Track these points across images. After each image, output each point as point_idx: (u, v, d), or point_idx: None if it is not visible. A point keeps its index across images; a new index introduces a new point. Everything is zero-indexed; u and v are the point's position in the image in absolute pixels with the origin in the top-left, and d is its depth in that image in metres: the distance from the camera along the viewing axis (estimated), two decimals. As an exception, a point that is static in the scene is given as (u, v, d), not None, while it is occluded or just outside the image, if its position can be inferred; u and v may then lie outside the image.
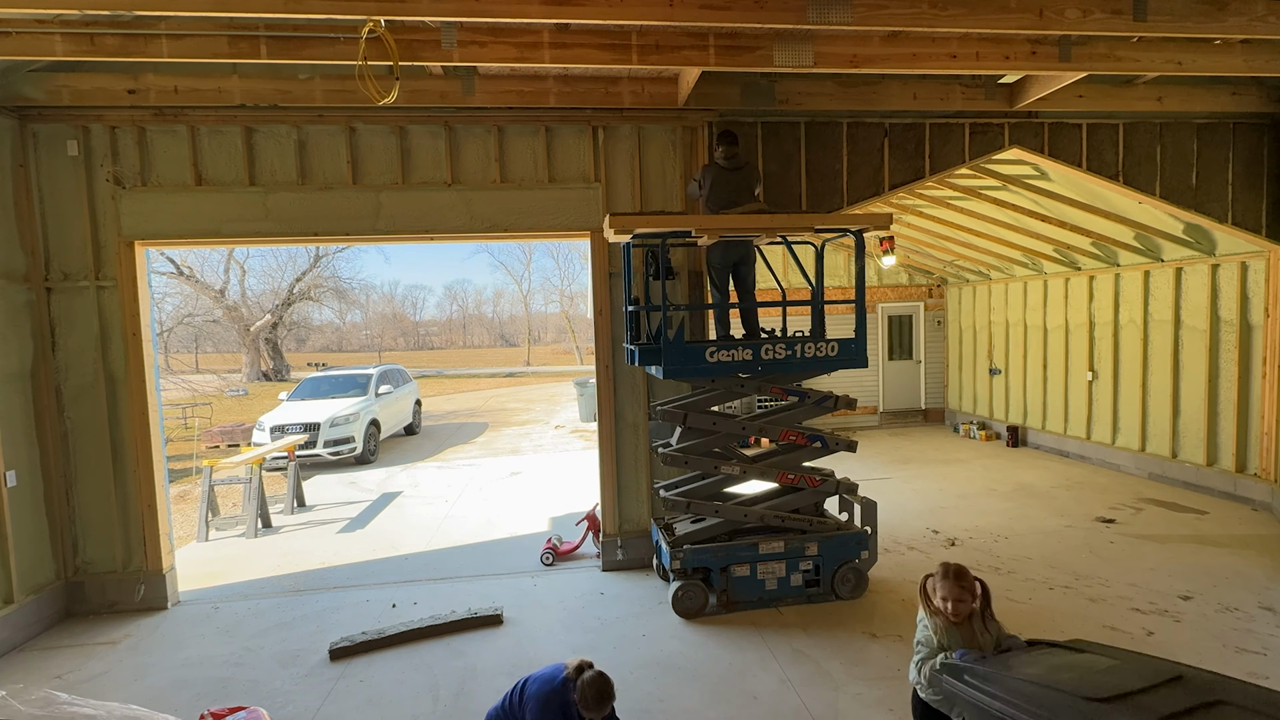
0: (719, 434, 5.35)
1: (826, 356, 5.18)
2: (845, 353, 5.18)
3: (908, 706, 3.09)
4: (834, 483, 5.46)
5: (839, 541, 5.36)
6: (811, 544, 5.31)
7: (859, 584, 5.41)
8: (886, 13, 4.30)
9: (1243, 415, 7.46)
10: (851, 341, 5.19)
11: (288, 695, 4.31)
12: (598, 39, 4.74)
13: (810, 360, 5.16)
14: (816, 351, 5.17)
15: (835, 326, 12.93)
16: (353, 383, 13.45)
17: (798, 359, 5.13)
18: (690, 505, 5.26)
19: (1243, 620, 4.84)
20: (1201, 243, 7.61)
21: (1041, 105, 6.05)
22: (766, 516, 5.30)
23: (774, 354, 5.09)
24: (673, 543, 5.26)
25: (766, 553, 5.27)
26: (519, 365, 41.13)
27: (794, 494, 5.42)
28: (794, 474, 5.38)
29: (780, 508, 5.38)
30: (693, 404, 5.38)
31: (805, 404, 5.51)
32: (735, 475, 5.36)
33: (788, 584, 5.32)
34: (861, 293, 5.22)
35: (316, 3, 3.97)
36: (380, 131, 5.71)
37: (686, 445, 5.37)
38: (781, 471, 5.39)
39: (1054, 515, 7.37)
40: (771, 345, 5.10)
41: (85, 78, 5.21)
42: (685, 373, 5.06)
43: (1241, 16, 4.50)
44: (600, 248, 6.05)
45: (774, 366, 5.14)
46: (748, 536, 5.34)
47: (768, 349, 5.09)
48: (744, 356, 5.07)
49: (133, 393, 5.53)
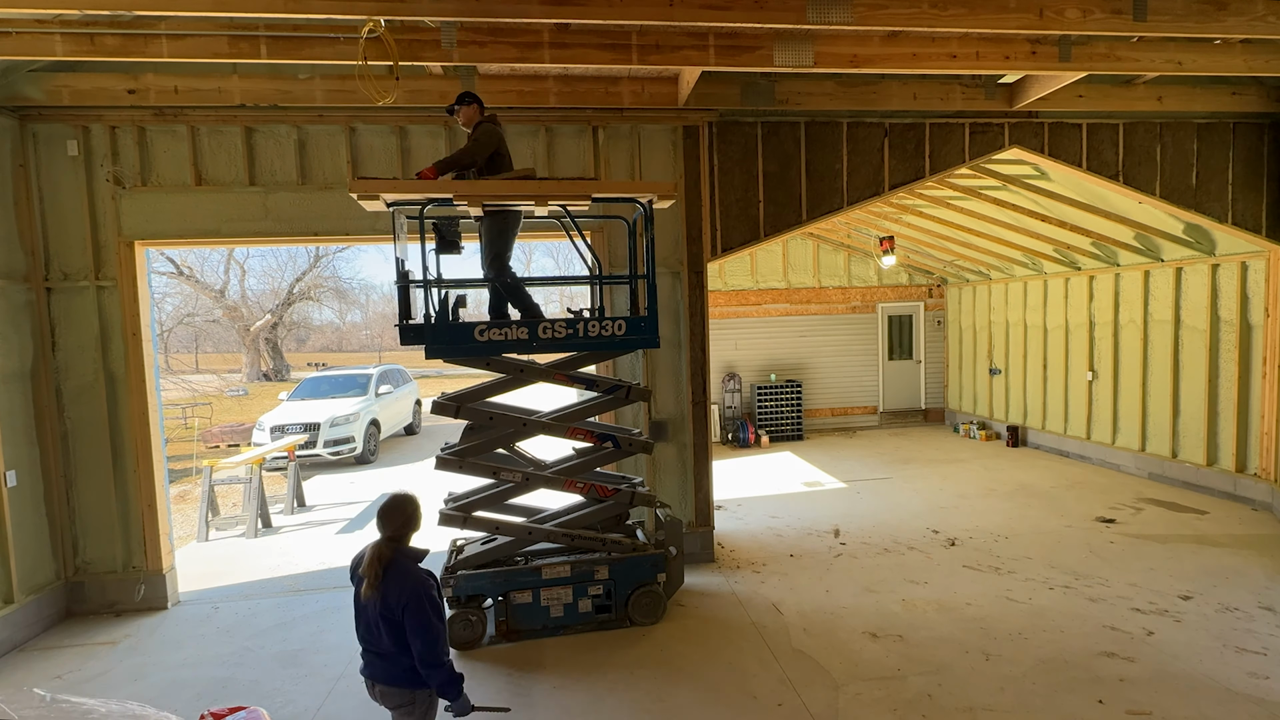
0: (502, 433, 4.84)
1: (613, 336, 4.61)
2: (634, 331, 4.64)
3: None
4: (628, 494, 5.00)
5: (632, 564, 4.92)
6: (601, 567, 4.87)
7: (656, 609, 5.00)
8: (886, 13, 4.30)
9: (1243, 415, 7.46)
10: (641, 320, 4.67)
11: (288, 695, 4.31)
12: (598, 39, 4.74)
13: (595, 340, 4.62)
14: (602, 330, 4.61)
15: (834, 327, 12.98)
16: (353, 383, 13.45)
17: (579, 338, 4.60)
18: (467, 521, 4.80)
19: (1243, 620, 4.84)
20: (1201, 243, 7.61)
21: (1041, 105, 6.05)
22: (555, 535, 4.84)
23: (553, 333, 4.56)
24: (448, 568, 4.82)
25: (551, 577, 4.81)
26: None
27: (593, 508, 5.01)
28: (582, 482, 4.91)
29: (573, 524, 4.94)
30: (466, 394, 4.84)
31: (603, 397, 4.97)
32: (517, 484, 4.86)
33: (576, 610, 4.90)
34: (651, 266, 4.72)
35: (316, 3, 3.97)
36: (380, 131, 5.71)
37: (464, 446, 4.83)
38: (569, 479, 4.90)
39: (1054, 515, 7.37)
40: (550, 324, 4.57)
41: (85, 78, 5.21)
42: (452, 353, 4.56)
43: (1241, 16, 4.50)
44: (600, 247, 6.04)
45: (553, 346, 4.61)
46: (548, 558, 4.93)
47: (545, 327, 4.56)
48: (519, 335, 4.53)
49: (133, 393, 5.53)
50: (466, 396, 4.90)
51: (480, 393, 4.94)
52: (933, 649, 4.58)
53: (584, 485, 4.94)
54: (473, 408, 4.85)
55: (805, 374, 12.86)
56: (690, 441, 6.26)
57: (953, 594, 5.45)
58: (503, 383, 4.94)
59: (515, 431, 4.93)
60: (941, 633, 4.81)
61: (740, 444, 11.99)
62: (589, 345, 4.68)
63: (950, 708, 3.92)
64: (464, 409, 4.83)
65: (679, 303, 6.19)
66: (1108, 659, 4.38)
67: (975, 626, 4.88)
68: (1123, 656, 4.41)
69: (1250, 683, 4.06)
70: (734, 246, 6.29)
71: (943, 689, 4.11)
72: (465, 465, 4.81)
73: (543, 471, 4.99)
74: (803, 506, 8.08)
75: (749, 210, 6.26)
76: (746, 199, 6.25)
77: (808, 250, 12.82)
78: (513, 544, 4.90)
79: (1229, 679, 4.11)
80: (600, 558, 4.91)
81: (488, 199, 4.40)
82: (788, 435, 12.29)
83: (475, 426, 4.92)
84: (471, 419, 4.86)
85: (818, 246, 12.82)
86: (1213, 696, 3.94)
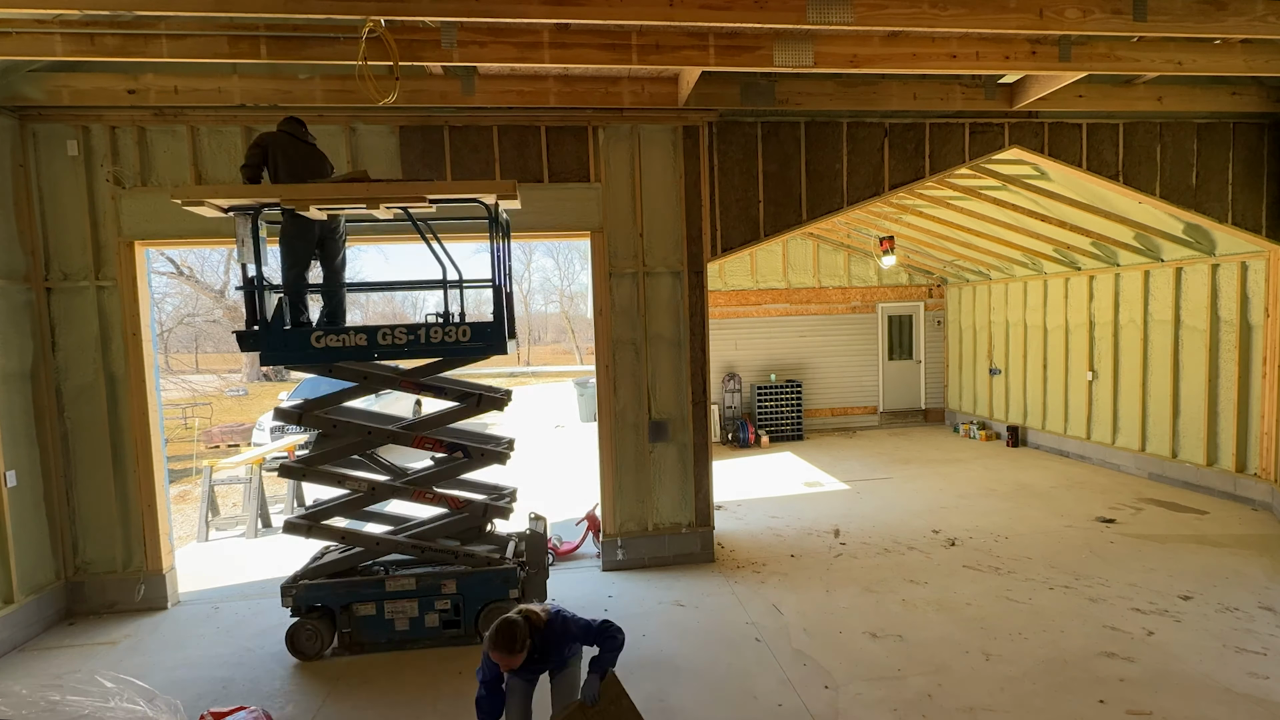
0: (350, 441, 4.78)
1: (457, 342, 4.46)
2: (480, 337, 4.49)
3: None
4: (480, 505, 4.86)
5: (482, 579, 4.74)
6: (448, 581, 4.70)
7: None
8: (886, 13, 4.30)
9: (1243, 415, 7.46)
10: (488, 325, 4.51)
11: (288, 695, 4.31)
12: (598, 39, 4.74)
13: (438, 346, 4.48)
14: (445, 336, 4.46)
15: (834, 327, 12.98)
16: (353, 383, 13.42)
17: (422, 344, 4.47)
18: (312, 530, 4.73)
19: (1243, 620, 4.84)
20: (1201, 243, 7.61)
21: (1041, 105, 6.05)
22: (404, 546, 4.74)
23: (393, 339, 4.43)
24: (294, 576, 4.76)
25: (395, 590, 4.67)
26: (519, 365, 41.12)
27: (444, 520, 4.91)
28: (430, 493, 4.78)
29: (425, 535, 4.84)
30: (312, 403, 4.75)
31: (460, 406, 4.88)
32: (364, 494, 4.77)
33: (422, 625, 4.73)
34: (497, 268, 4.62)
35: (316, 3, 3.97)
36: (380, 131, 5.71)
37: (313, 454, 4.74)
38: (417, 490, 4.79)
39: (1054, 515, 7.37)
40: (390, 330, 4.45)
41: (85, 78, 5.21)
42: (288, 359, 4.50)
43: (1241, 16, 4.50)
44: (600, 248, 6.05)
45: (393, 352, 4.48)
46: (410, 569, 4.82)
47: (385, 333, 4.44)
48: (357, 341, 4.41)
49: (133, 393, 5.53)
50: (316, 403, 4.75)
51: (338, 398, 4.82)
52: (933, 649, 4.58)
53: (433, 496, 4.80)
54: (319, 415, 4.69)
55: (805, 374, 12.86)
56: (690, 441, 6.26)
57: (953, 594, 5.45)
58: (356, 389, 4.82)
59: (362, 440, 4.79)
60: (941, 633, 4.81)
61: (740, 444, 11.99)
62: (432, 351, 4.54)
63: (950, 708, 3.92)
64: (308, 416, 4.68)
65: (679, 303, 6.19)
66: (1108, 659, 4.38)
67: (975, 626, 4.88)
68: (1123, 656, 4.41)
69: (1250, 683, 4.06)
70: (734, 246, 6.29)
71: (943, 689, 4.11)
72: (310, 474, 4.72)
73: (393, 482, 4.86)
74: (803, 506, 8.08)
75: (749, 210, 6.26)
76: (746, 199, 6.25)
77: (808, 250, 12.83)
78: (362, 554, 4.79)
79: (1229, 679, 4.11)
80: (447, 571, 4.75)
81: (317, 202, 4.29)
82: (788, 435, 12.29)
83: (327, 435, 4.81)
84: (316, 426, 4.73)
85: (818, 246, 12.82)
86: (1213, 696, 3.94)
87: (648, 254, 6.12)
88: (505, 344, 4.56)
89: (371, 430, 4.81)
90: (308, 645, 4.67)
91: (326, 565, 4.81)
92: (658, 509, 6.24)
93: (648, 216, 6.09)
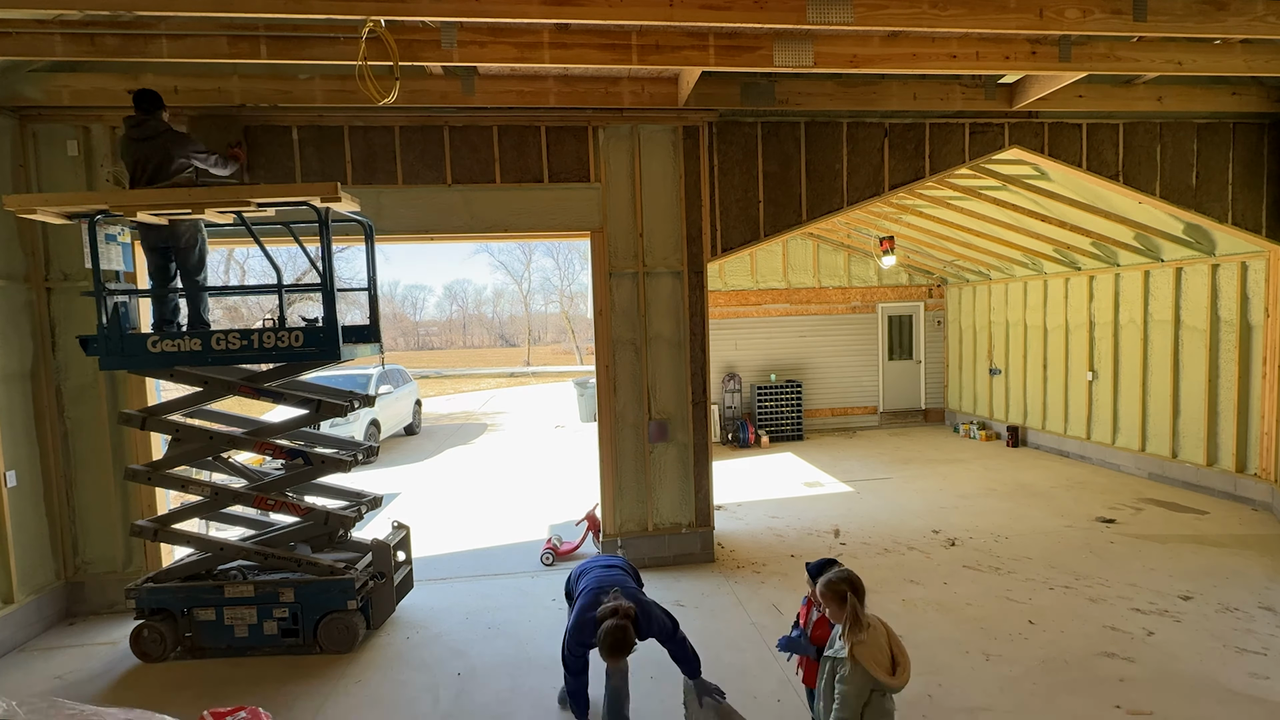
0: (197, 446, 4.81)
1: (289, 347, 4.48)
2: (312, 342, 4.49)
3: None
4: (323, 513, 4.87)
5: (320, 589, 4.74)
6: (286, 589, 4.70)
7: (348, 637, 4.76)
8: (886, 13, 4.30)
9: (1243, 415, 7.46)
10: (319, 330, 4.50)
11: (288, 695, 4.31)
12: (598, 39, 4.74)
13: (271, 352, 4.49)
14: (278, 341, 4.46)
15: (834, 327, 12.97)
16: (352, 383, 13.44)
17: (254, 349, 4.48)
18: (158, 534, 4.78)
19: (1243, 620, 4.84)
20: (1201, 243, 7.61)
21: (1041, 105, 6.05)
22: (248, 552, 4.76)
23: (226, 344, 4.46)
24: (144, 578, 4.81)
25: (234, 596, 4.69)
26: (519, 365, 41.12)
27: (288, 527, 4.94)
28: (272, 499, 4.80)
29: (271, 541, 4.87)
30: (155, 407, 4.84)
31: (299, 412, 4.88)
32: (208, 500, 4.84)
33: (261, 632, 4.74)
34: (329, 277, 4.54)
35: (316, 3, 3.97)
36: (380, 131, 5.71)
37: (160, 459, 4.80)
38: (259, 496, 4.81)
39: (1054, 515, 7.37)
40: (224, 334, 4.47)
41: (85, 78, 5.21)
42: (126, 365, 4.53)
43: (1241, 16, 4.50)
44: (600, 248, 6.05)
45: (226, 358, 4.51)
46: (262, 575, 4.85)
47: (219, 339, 4.46)
48: (192, 346, 4.45)
49: (133, 393, 5.53)
50: (152, 410, 4.77)
51: (185, 403, 4.82)
52: (933, 649, 4.58)
53: (275, 503, 4.82)
54: (162, 420, 4.71)
55: (805, 374, 12.87)
56: (690, 441, 6.26)
57: (953, 594, 5.45)
58: (200, 395, 4.83)
59: (204, 446, 4.82)
60: (941, 633, 4.81)
61: (740, 444, 11.99)
62: (265, 357, 4.54)
63: (950, 708, 3.92)
64: (150, 421, 4.70)
65: (679, 303, 6.19)
66: (1108, 659, 4.38)
67: (975, 626, 4.88)
68: (1123, 656, 4.41)
69: (1250, 683, 4.06)
70: (734, 246, 6.29)
71: (943, 689, 4.10)
72: (155, 478, 4.76)
73: (236, 487, 4.90)
74: (803, 507, 8.08)
75: (749, 210, 6.26)
76: (746, 199, 6.25)
77: (808, 250, 12.83)
78: (209, 559, 4.83)
79: (1229, 679, 4.11)
80: (285, 579, 4.76)
81: (143, 208, 4.34)
82: (788, 435, 12.29)
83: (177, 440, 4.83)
84: (158, 430, 4.75)
85: (818, 246, 12.83)
86: (1213, 696, 3.94)
87: (648, 254, 6.12)
88: (338, 350, 4.53)
89: (213, 435, 4.81)
90: (151, 648, 4.70)
91: (178, 568, 4.85)
92: (658, 509, 6.24)
93: (648, 216, 6.09)
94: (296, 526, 4.97)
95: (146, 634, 4.70)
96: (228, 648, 4.79)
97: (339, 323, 4.56)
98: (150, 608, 4.73)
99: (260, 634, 4.76)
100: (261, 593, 4.73)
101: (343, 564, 4.92)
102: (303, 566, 4.80)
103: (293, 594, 4.73)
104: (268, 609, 4.74)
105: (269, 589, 4.73)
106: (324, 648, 4.79)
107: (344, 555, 5.11)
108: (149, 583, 4.76)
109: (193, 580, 4.79)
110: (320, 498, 5.48)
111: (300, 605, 4.75)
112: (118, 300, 4.58)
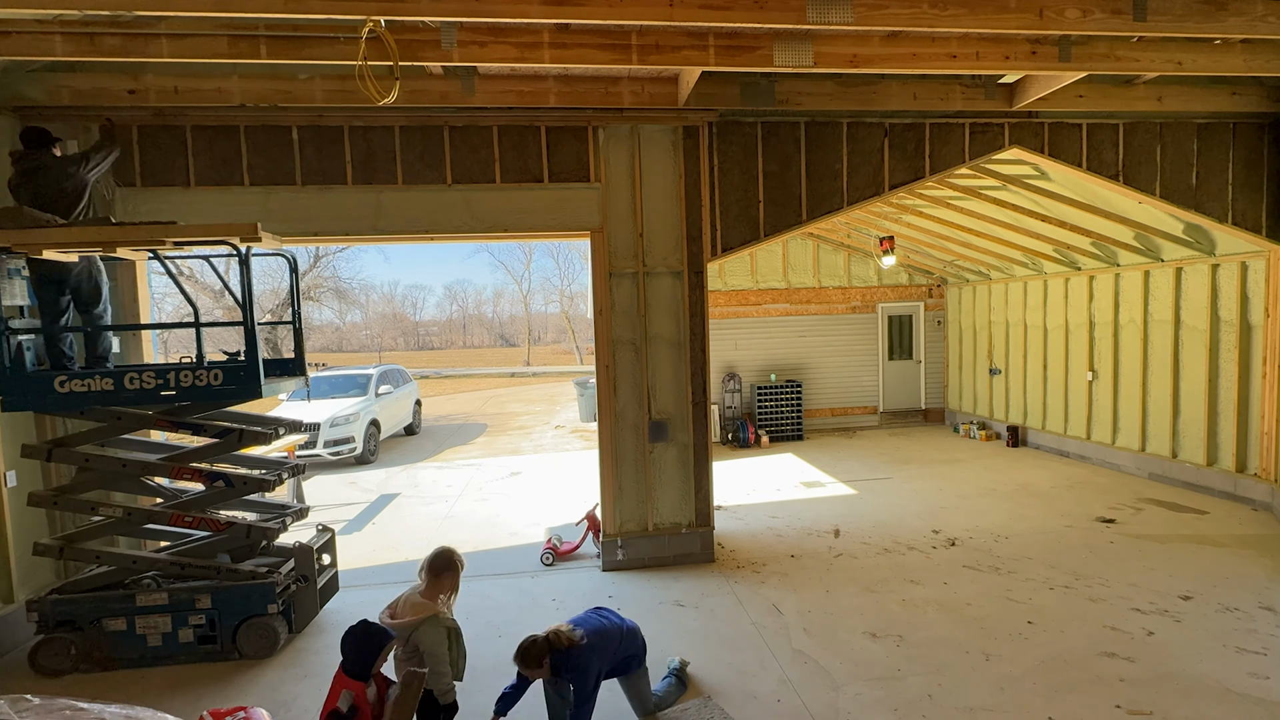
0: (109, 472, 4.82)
1: (209, 386, 4.43)
2: (232, 380, 4.45)
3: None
4: (244, 527, 4.88)
5: (240, 593, 4.70)
6: (203, 596, 4.64)
7: (268, 641, 4.73)
8: (886, 13, 4.30)
9: (1243, 415, 7.46)
10: (240, 368, 4.45)
11: (288, 695, 4.31)
12: (598, 39, 4.74)
13: (188, 390, 4.44)
14: (196, 380, 4.41)
15: (834, 327, 12.97)
16: (353, 383, 13.45)
17: (171, 388, 4.43)
18: (64, 551, 4.70)
19: (1243, 620, 4.84)
20: (1201, 243, 7.61)
21: (1041, 105, 6.05)
22: (162, 563, 4.75)
23: (141, 383, 4.40)
24: (48, 591, 4.75)
25: (146, 604, 4.61)
26: (519, 365, 41.12)
27: (205, 540, 4.93)
28: (189, 517, 4.82)
29: (191, 552, 4.87)
30: (62, 440, 4.81)
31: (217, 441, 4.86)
32: (119, 519, 4.81)
33: (176, 640, 4.66)
34: (249, 310, 4.45)
35: (316, 3, 3.97)
36: (380, 131, 5.71)
37: (64, 484, 4.81)
38: (175, 514, 4.83)
39: (1054, 515, 7.37)
40: (138, 374, 4.43)
41: (85, 78, 5.21)
42: (32, 405, 4.44)
43: (1241, 16, 4.50)
44: (600, 248, 6.05)
45: (142, 398, 4.45)
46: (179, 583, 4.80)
47: (133, 378, 4.41)
48: (103, 386, 4.39)
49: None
50: (59, 442, 4.73)
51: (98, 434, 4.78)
52: (933, 649, 4.58)
53: (193, 520, 4.82)
54: (70, 451, 4.69)
55: (805, 374, 12.87)
56: (690, 441, 6.26)
57: (953, 594, 5.45)
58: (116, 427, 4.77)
59: (114, 473, 4.81)
60: (941, 633, 4.81)
61: (740, 444, 12.00)
62: (183, 396, 4.48)
63: (950, 708, 3.92)
64: (56, 453, 4.65)
65: (679, 303, 6.19)
66: (1108, 659, 4.38)
67: (975, 626, 4.88)
68: (1123, 656, 4.41)
69: (1250, 683, 4.06)
70: (734, 246, 6.29)
71: (943, 689, 4.11)
72: (61, 502, 4.74)
73: (148, 507, 4.90)
74: (803, 507, 8.08)
75: (749, 210, 6.26)
76: (746, 199, 6.25)
77: (808, 250, 12.83)
78: (118, 572, 4.79)
79: (1229, 679, 4.11)
80: (201, 585, 4.70)
81: (49, 246, 4.24)
82: (788, 435, 12.29)
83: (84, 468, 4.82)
84: (66, 461, 4.71)
85: (818, 246, 12.83)
86: (1213, 696, 3.94)
87: (648, 254, 6.12)
88: (259, 387, 4.49)
89: (126, 463, 4.79)
90: (52, 662, 4.58)
91: (84, 580, 4.78)
92: (658, 509, 6.24)
93: (648, 216, 6.10)
94: (216, 539, 4.90)
95: (46, 648, 4.57)
96: (140, 658, 4.68)
97: (260, 358, 4.49)
98: (55, 620, 4.60)
99: (175, 642, 4.68)
100: (176, 600, 4.65)
101: (264, 569, 4.92)
102: (222, 574, 4.75)
103: (209, 599, 4.67)
104: (183, 616, 4.66)
105: (184, 596, 4.66)
106: (244, 653, 4.73)
107: (266, 560, 5.10)
108: (54, 594, 4.67)
109: (103, 590, 4.70)
110: (247, 511, 5.44)
111: (218, 610, 4.68)
112: (20, 339, 4.44)
